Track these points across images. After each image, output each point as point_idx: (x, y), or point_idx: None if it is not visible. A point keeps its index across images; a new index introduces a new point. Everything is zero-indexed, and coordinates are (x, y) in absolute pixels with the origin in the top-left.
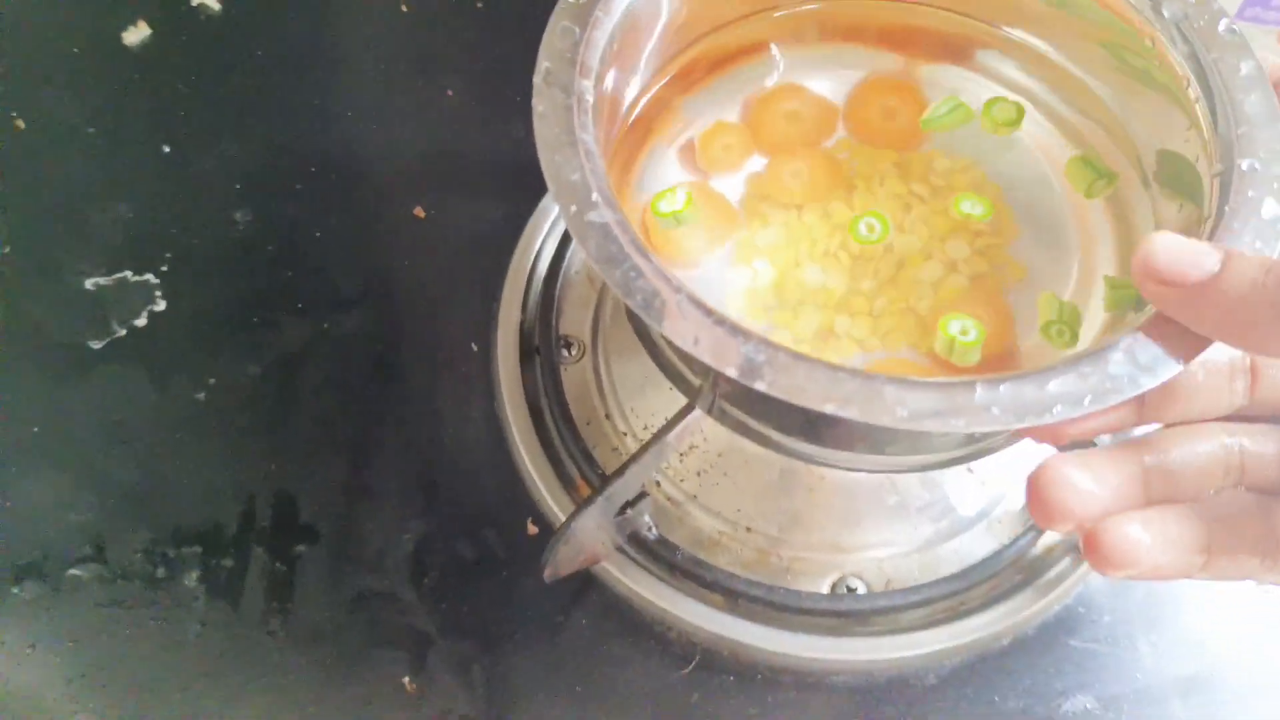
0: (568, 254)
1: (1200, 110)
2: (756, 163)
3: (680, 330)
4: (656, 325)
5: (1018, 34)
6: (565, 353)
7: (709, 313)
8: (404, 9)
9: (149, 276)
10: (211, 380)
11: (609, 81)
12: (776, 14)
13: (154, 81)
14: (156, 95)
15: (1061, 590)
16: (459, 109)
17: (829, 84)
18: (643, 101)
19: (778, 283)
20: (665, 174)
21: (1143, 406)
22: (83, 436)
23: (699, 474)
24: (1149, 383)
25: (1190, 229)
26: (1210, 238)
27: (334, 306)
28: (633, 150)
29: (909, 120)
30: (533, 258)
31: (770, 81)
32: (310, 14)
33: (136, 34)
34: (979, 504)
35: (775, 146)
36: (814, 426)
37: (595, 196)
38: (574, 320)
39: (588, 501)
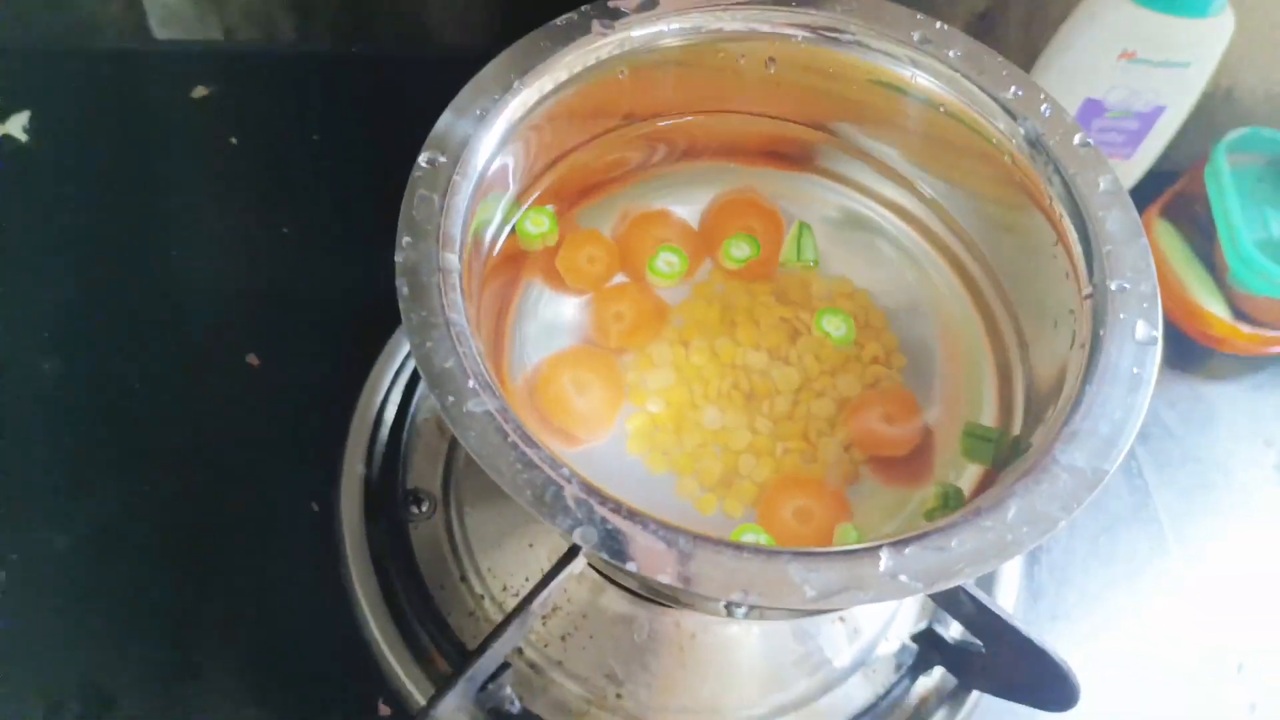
0: (414, 400)
1: (1066, 227)
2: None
3: (571, 525)
4: (549, 522)
5: (875, 146)
6: (414, 509)
7: (603, 500)
8: (233, 140)
9: None
10: (13, 556)
11: (476, 232)
12: (638, 130)
13: None
14: None
15: None
16: (296, 247)
17: (684, 206)
18: (503, 235)
19: (676, 425)
20: (539, 305)
21: None
22: None
23: (563, 638)
24: (1040, 537)
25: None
26: (1087, 364)
27: (155, 466)
28: (506, 288)
29: (770, 248)
30: (378, 406)
31: (643, 201)
32: (130, 146)
33: None
34: (853, 653)
35: (637, 273)
36: None
37: (472, 383)
38: (423, 472)
39: (447, 685)
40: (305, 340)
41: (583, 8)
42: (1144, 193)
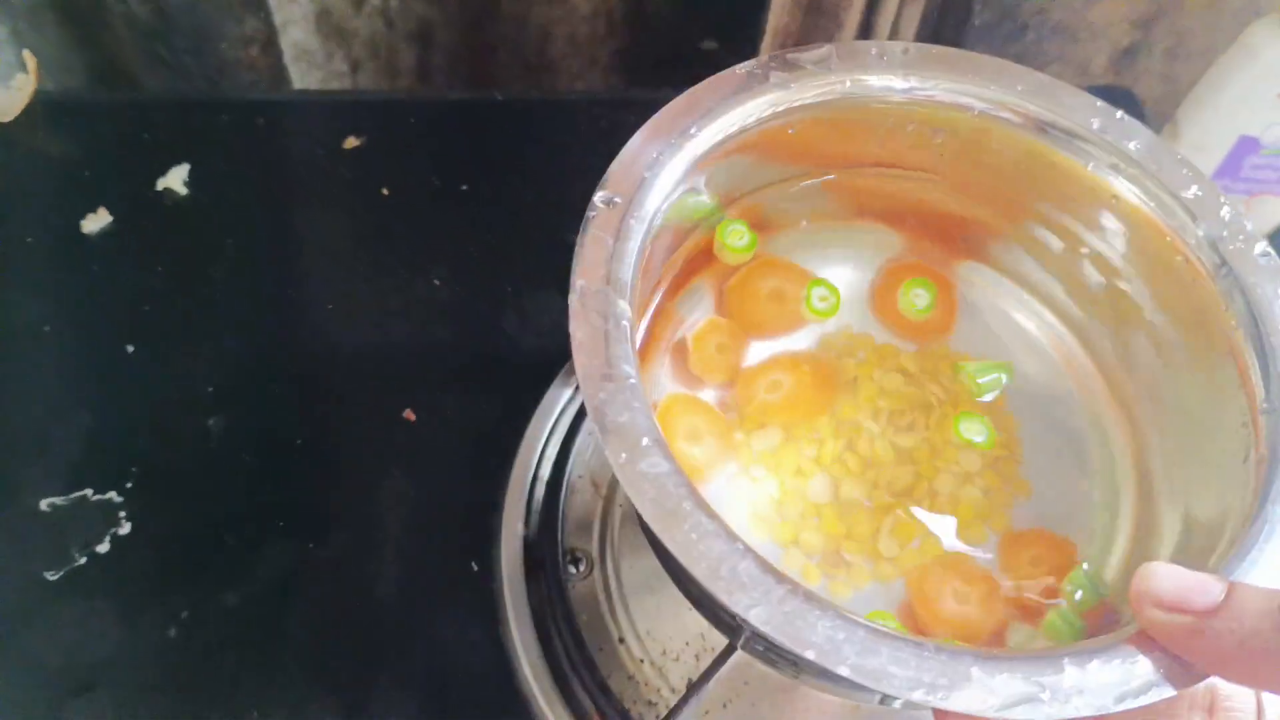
0: (570, 457)
1: (1240, 338)
2: (755, 354)
3: (748, 604)
4: (724, 599)
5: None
6: (572, 569)
7: (780, 579)
8: (384, 192)
9: (112, 495)
10: (184, 614)
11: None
12: (803, 183)
13: (116, 274)
14: (119, 289)
15: None
16: (448, 300)
17: (851, 268)
18: (653, 304)
19: (779, 497)
20: (661, 385)
21: None
22: (39, 685)
23: (724, 704)
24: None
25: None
26: (1260, 490)
27: (319, 524)
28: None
29: (943, 312)
30: (534, 462)
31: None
32: (284, 198)
33: (96, 222)
34: None
35: (762, 328)
36: None
37: (646, 441)
38: (579, 531)
39: None
40: (460, 394)
41: (761, 57)
42: None
